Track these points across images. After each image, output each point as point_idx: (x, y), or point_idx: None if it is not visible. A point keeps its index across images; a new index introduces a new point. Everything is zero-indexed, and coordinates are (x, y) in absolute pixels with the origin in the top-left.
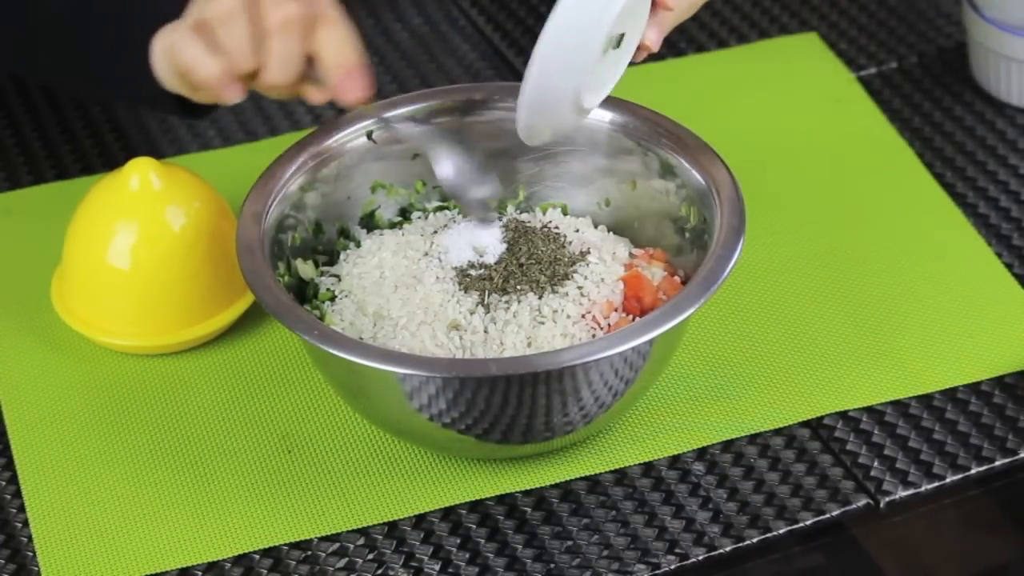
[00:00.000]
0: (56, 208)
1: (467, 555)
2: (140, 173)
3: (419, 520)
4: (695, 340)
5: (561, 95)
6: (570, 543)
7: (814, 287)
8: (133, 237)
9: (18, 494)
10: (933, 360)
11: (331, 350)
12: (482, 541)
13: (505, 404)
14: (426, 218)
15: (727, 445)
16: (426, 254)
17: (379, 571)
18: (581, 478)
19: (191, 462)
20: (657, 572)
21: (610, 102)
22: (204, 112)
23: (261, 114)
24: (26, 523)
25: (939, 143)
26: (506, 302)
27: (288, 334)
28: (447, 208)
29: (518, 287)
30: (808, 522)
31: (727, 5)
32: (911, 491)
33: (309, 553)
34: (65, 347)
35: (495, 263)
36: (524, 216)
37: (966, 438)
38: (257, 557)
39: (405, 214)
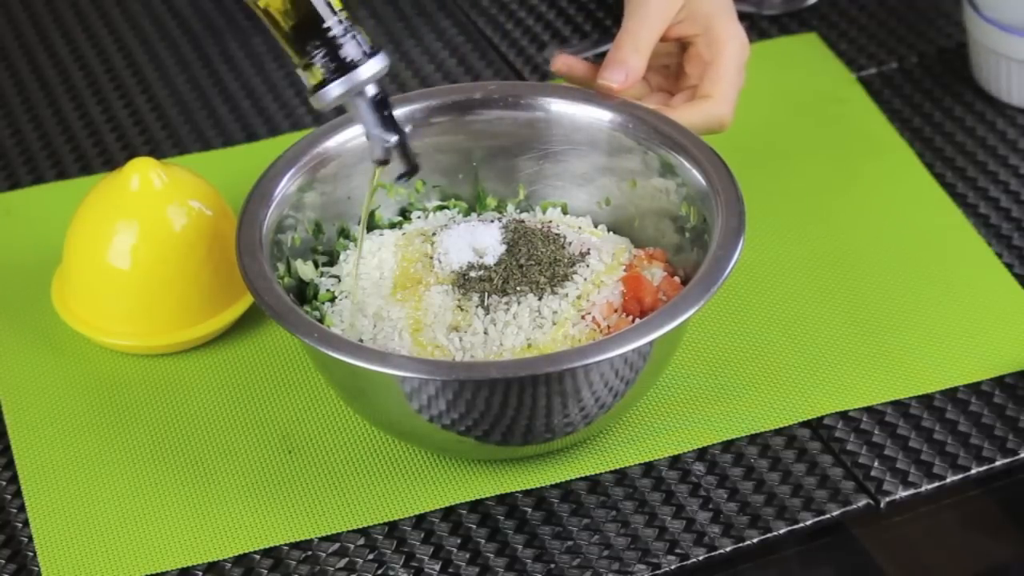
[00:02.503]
0: (56, 208)
1: (467, 555)
2: (140, 173)
3: (419, 520)
4: (695, 340)
5: None
6: (570, 543)
7: (814, 287)
8: (133, 237)
9: (18, 494)
10: (933, 360)
11: (331, 353)
12: (482, 541)
13: (505, 406)
14: (426, 218)
15: (727, 445)
16: (429, 256)
17: (379, 571)
18: (581, 478)
19: (191, 462)
20: (657, 572)
21: (611, 101)
22: None
23: (261, 114)
24: (26, 523)
25: (939, 143)
26: (506, 303)
27: (288, 335)
28: (446, 207)
29: (518, 288)
30: (808, 522)
31: None
32: (911, 491)
33: (309, 553)
34: (65, 347)
35: (495, 264)
36: (524, 215)
37: (966, 438)
38: (257, 557)
39: (405, 214)
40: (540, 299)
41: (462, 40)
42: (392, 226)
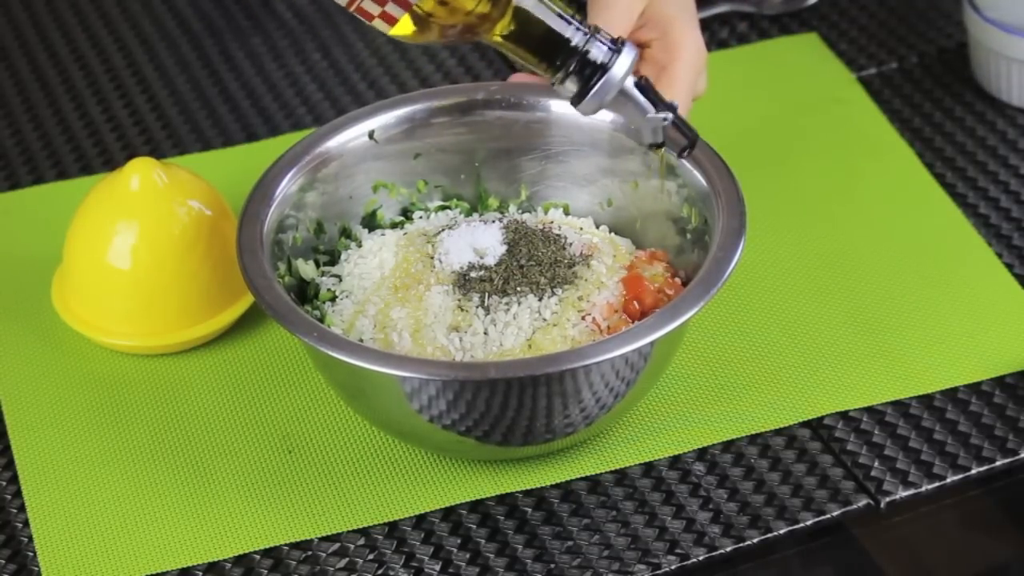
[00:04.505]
0: (56, 208)
1: (467, 555)
2: (140, 173)
3: (419, 520)
4: (696, 340)
5: None
6: (571, 543)
7: (814, 287)
8: (133, 237)
9: (18, 494)
10: (933, 360)
11: (330, 352)
12: (483, 541)
13: (505, 407)
14: (428, 218)
15: (727, 445)
16: (429, 256)
17: (379, 571)
18: (582, 478)
19: (191, 462)
20: (658, 572)
21: None
22: None
23: (261, 114)
24: (26, 523)
25: (939, 143)
26: (506, 304)
27: (289, 335)
28: (448, 208)
29: (518, 289)
30: (808, 522)
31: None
32: (911, 491)
33: (309, 553)
34: (65, 347)
35: (495, 265)
36: (525, 216)
37: (966, 438)
38: (257, 557)
39: (407, 214)
40: (540, 300)
41: None
42: (394, 226)
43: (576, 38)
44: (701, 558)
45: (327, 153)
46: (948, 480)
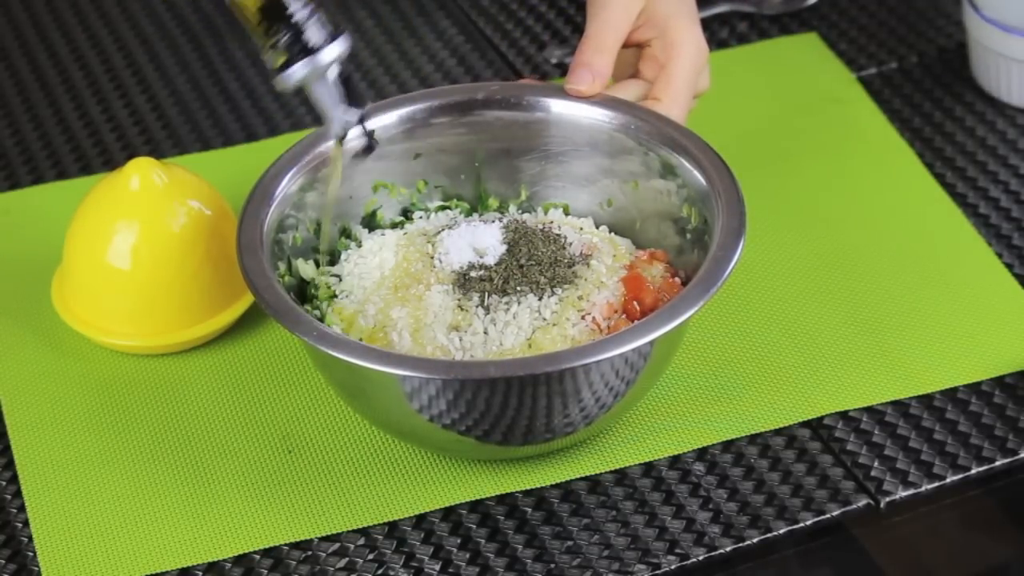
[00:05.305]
0: (56, 208)
1: (467, 555)
2: (140, 173)
3: (419, 520)
4: (695, 340)
5: None
6: (570, 543)
7: (814, 287)
8: (133, 237)
9: (18, 494)
10: (933, 360)
11: (330, 351)
12: (483, 541)
13: (505, 406)
14: (428, 218)
15: (727, 445)
16: (429, 255)
17: (379, 571)
18: (581, 478)
19: (191, 462)
20: (657, 572)
21: (611, 102)
22: None
23: (261, 114)
24: (26, 523)
25: (939, 143)
26: (506, 303)
27: (288, 334)
28: (448, 208)
29: (518, 288)
30: (808, 522)
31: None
32: (911, 491)
33: (309, 553)
34: (65, 347)
35: (495, 264)
36: (525, 216)
37: (966, 438)
38: (257, 557)
39: (407, 214)
40: (540, 299)
41: (462, 40)
42: (394, 226)
43: (299, 13)
44: (701, 558)
45: (327, 153)
46: (948, 480)
